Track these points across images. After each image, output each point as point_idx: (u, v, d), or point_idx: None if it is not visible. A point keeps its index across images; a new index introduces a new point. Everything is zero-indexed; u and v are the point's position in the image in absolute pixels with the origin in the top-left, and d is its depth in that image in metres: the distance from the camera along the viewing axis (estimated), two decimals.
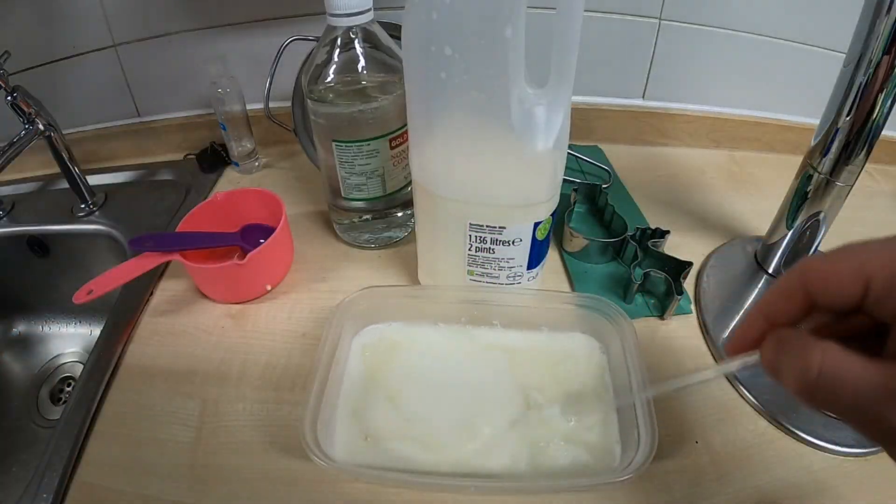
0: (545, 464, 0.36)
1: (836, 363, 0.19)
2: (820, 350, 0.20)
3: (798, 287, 0.22)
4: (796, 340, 0.21)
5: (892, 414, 0.18)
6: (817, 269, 0.21)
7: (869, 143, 0.42)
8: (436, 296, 0.46)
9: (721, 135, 0.72)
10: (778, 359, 0.21)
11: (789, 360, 0.21)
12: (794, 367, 0.20)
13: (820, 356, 0.19)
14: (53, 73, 0.66)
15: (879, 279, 0.19)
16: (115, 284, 0.46)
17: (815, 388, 0.20)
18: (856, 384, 0.19)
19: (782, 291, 0.23)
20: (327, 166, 0.51)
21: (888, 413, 0.18)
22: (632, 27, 0.64)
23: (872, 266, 0.20)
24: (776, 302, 0.23)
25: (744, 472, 0.37)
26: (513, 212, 0.40)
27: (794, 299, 0.22)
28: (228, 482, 0.37)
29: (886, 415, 0.18)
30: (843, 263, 0.20)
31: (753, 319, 0.24)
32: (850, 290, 0.20)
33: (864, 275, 0.20)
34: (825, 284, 0.21)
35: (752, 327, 0.24)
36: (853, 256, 0.20)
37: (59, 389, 0.65)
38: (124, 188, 0.69)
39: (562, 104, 0.35)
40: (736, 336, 0.25)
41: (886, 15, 0.36)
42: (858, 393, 0.19)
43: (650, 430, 0.34)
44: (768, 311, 0.23)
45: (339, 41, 0.44)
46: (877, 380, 0.18)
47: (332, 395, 0.39)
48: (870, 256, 0.20)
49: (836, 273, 0.21)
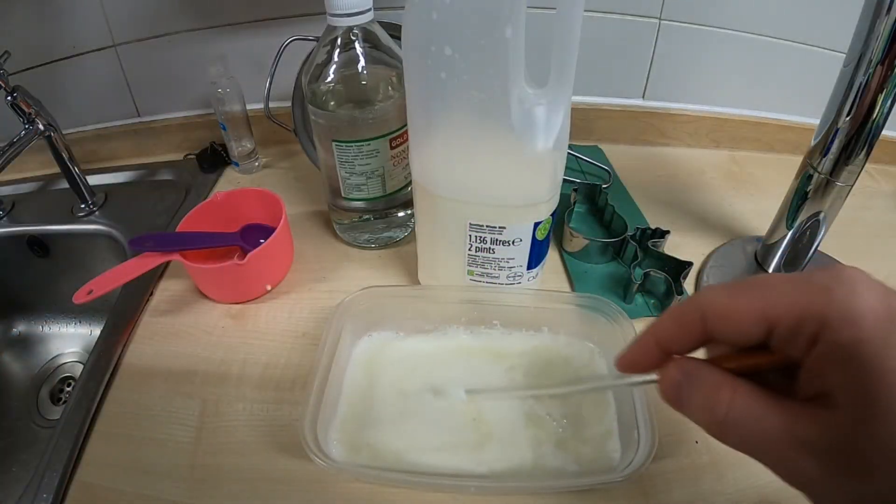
0: (545, 464, 0.36)
1: (744, 404, 0.19)
2: (730, 389, 0.19)
3: (695, 321, 0.21)
4: (706, 376, 0.20)
5: (797, 459, 0.18)
6: (718, 305, 0.20)
7: (869, 143, 0.42)
8: (436, 296, 0.46)
9: (721, 135, 0.72)
10: (682, 391, 0.21)
11: (697, 395, 0.20)
12: (701, 404, 0.20)
13: (729, 395, 0.19)
14: (53, 73, 0.66)
15: (783, 322, 0.18)
16: (115, 284, 0.46)
17: (724, 427, 0.19)
18: (764, 429, 0.18)
19: (678, 321, 0.22)
20: (327, 166, 0.51)
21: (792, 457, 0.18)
22: (632, 27, 0.64)
23: (777, 310, 0.19)
24: (670, 330, 0.22)
25: (744, 472, 0.37)
26: (513, 212, 0.40)
27: (690, 331, 0.21)
28: (228, 482, 0.37)
29: (793, 460, 0.18)
30: (746, 304, 0.19)
31: (645, 344, 0.23)
32: (751, 332, 0.19)
33: (767, 317, 0.19)
34: (725, 323, 0.20)
35: (644, 351, 0.23)
36: (754, 297, 0.19)
37: (59, 389, 0.65)
38: (124, 188, 0.69)
39: (562, 104, 0.35)
40: (626, 356, 0.24)
41: (886, 15, 0.36)
42: (766, 437, 0.18)
43: (650, 431, 0.34)
44: (661, 339, 0.22)
45: (340, 41, 0.44)
46: (783, 427, 0.18)
47: (331, 395, 0.39)
48: (773, 298, 0.19)
49: (737, 313, 0.20)
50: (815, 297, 0.18)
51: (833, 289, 0.18)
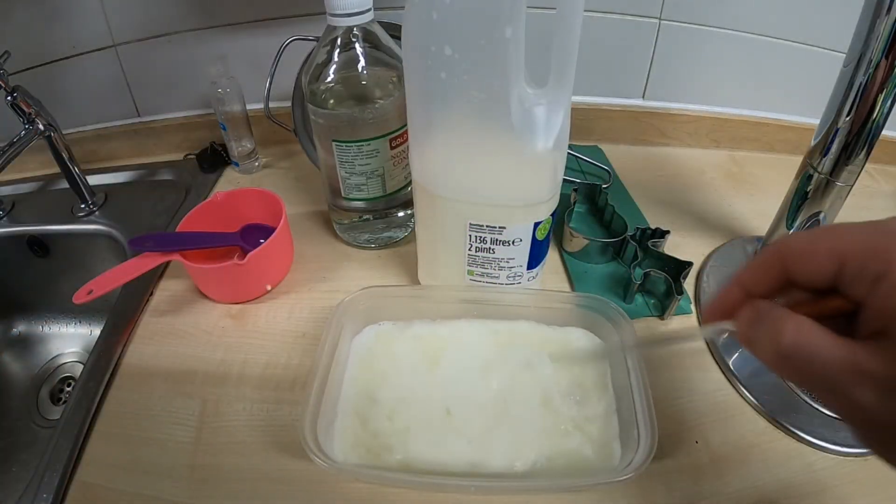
0: (545, 463, 0.36)
1: (807, 337, 0.20)
2: (794, 323, 0.20)
3: (776, 262, 0.23)
4: (772, 312, 0.22)
5: (856, 391, 0.19)
6: (795, 246, 0.22)
7: (869, 143, 0.42)
8: (435, 295, 0.46)
9: (721, 135, 0.72)
10: (753, 329, 0.22)
11: (764, 330, 0.21)
12: (767, 337, 0.21)
13: (793, 328, 0.20)
14: (53, 73, 0.66)
15: (852, 260, 0.20)
16: (115, 284, 0.46)
17: (786, 359, 0.20)
18: (825, 359, 0.19)
19: (761, 265, 0.23)
20: (327, 166, 0.51)
21: (853, 389, 0.19)
22: (632, 27, 0.64)
23: (847, 247, 0.20)
24: (754, 275, 0.24)
25: (744, 472, 0.37)
26: (513, 212, 0.40)
27: (771, 274, 0.23)
28: (228, 482, 0.37)
29: (851, 391, 0.19)
30: (820, 243, 0.21)
31: (731, 289, 0.25)
32: (824, 269, 0.21)
33: (838, 255, 0.20)
34: (802, 262, 0.22)
35: (730, 296, 0.24)
36: (829, 237, 0.21)
37: (59, 389, 0.65)
38: (124, 188, 0.69)
39: (562, 104, 0.35)
40: (713, 304, 0.25)
41: (886, 15, 0.36)
42: (827, 367, 0.19)
43: (650, 430, 0.34)
44: (746, 283, 0.24)
45: (340, 41, 0.44)
46: (844, 356, 0.19)
47: (331, 395, 0.39)
48: (845, 238, 0.21)
49: (812, 252, 0.21)
50: (882, 238, 0.20)
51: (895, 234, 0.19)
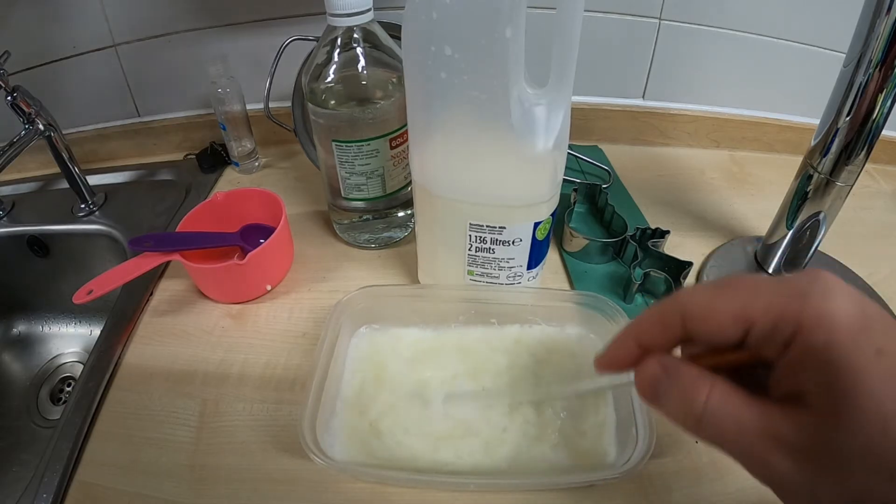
0: (544, 462, 0.36)
1: (721, 401, 0.19)
2: (707, 385, 0.19)
3: (674, 321, 0.21)
4: (684, 371, 0.20)
5: (772, 457, 0.18)
6: (696, 309, 0.20)
7: (869, 143, 0.42)
8: (435, 295, 0.46)
9: (721, 135, 0.72)
10: (660, 387, 0.21)
11: (674, 391, 0.20)
12: (679, 399, 0.20)
13: (706, 392, 0.19)
14: (53, 73, 0.66)
15: (760, 323, 0.19)
16: (115, 284, 0.46)
17: (700, 424, 0.19)
18: (740, 424, 0.19)
19: (658, 320, 0.22)
20: (327, 166, 0.51)
21: (768, 456, 0.18)
22: (632, 27, 0.64)
23: (753, 310, 0.19)
24: (650, 329, 0.22)
25: (744, 472, 0.37)
26: (513, 212, 0.40)
27: (670, 330, 0.21)
28: (228, 482, 0.37)
29: (766, 457, 0.18)
30: (725, 305, 0.20)
31: (624, 342, 0.23)
32: (728, 332, 0.20)
33: (745, 319, 0.19)
34: (704, 324, 0.20)
35: (623, 349, 0.23)
36: (735, 298, 0.20)
37: (59, 389, 0.65)
38: (124, 188, 0.68)
39: (562, 104, 0.35)
40: (605, 355, 0.24)
41: (886, 15, 0.36)
42: (742, 433, 0.19)
43: (647, 428, 0.34)
44: (641, 337, 0.23)
45: (339, 41, 0.44)
46: (759, 422, 0.18)
47: (330, 395, 0.39)
48: (751, 299, 0.19)
49: (715, 315, 0.20)
50: (792, 300, 0.18)
51: (809, 293, 0.18)
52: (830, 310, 0.18)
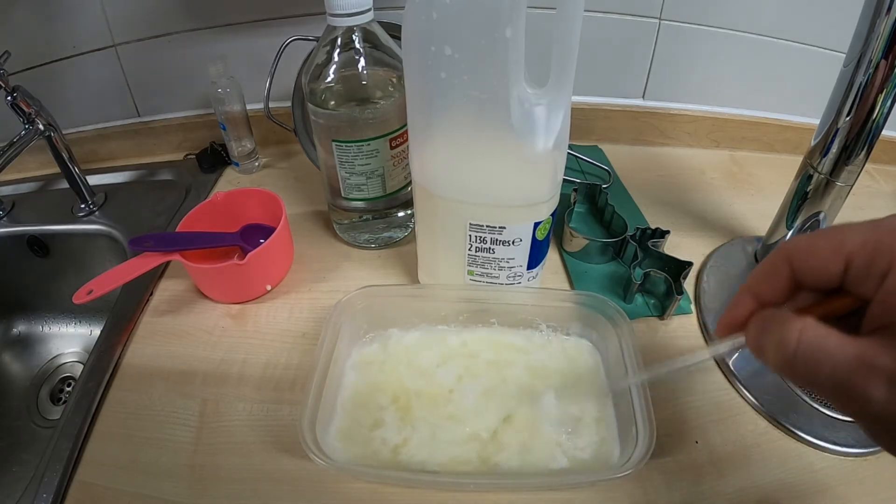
0: (544, 462, 0.36)
1: (813, 338, 0.20)
2: (798, 325, 0.20)
3: (783, 266, 0.23)
4: (776, 317, 0.22)
5: (868, 387, 0.18)
6: (800, 248, 0.22)
7: (869, 143, 0.42)
8: (433, 294, 0.46)
9: (721, 135, 0.72)
10: (761, 337, 0.22)
11: (770, 337, 0.21)
12: (773, 344, 0.21)
13: (798, 331, 0.20)
14: (53, 73, 0.66)
15: (858, 257, 0.20)
16: (115, 284, 0.46)
17: (794, 363, 0.20)
18: (832, 357, 0.19)
19: (768, 271, 0.23)
20: (327, 166, 0.51)
21: (864, 386, 0.18)
22: (632, 27, 0.64)
23: (852, 245, 0.20)
24: (762, 281, 0.24)
25: (744, 472, 0.37)
26: (513, 212, 0.40)
27: (779, 278, 0.23)
28: (228, 482, 0.37)
29: (862, 388, 0.19)
30: (825, 242, 0.21)
31: (741, 299, 0.25)
32: (831, 268, 0.21)
33: (844, 253, 0.21)
34: (808, 262, 0.22)
35: (740, 307, 0.24)
36: (834, 236, 0.21)
37: (59, 389, 0.65)
38: (124, 188, 0.68)
39: (562, 104, 0.35)
40: (724, 317, 0.25)
41: (886, 15, 0.36)
42: (835, 366, 0.19)
43: (648, 427, 0.34)
44: (755, 291, 0.24)
45: (339, 41, 0.44)
46: (852, 353, 0.19)
47: (330, 395, 0.39)
48: (850, 236, 0.21)
49: (818, 251, 0.21)
50: (885, 235, 0.20)
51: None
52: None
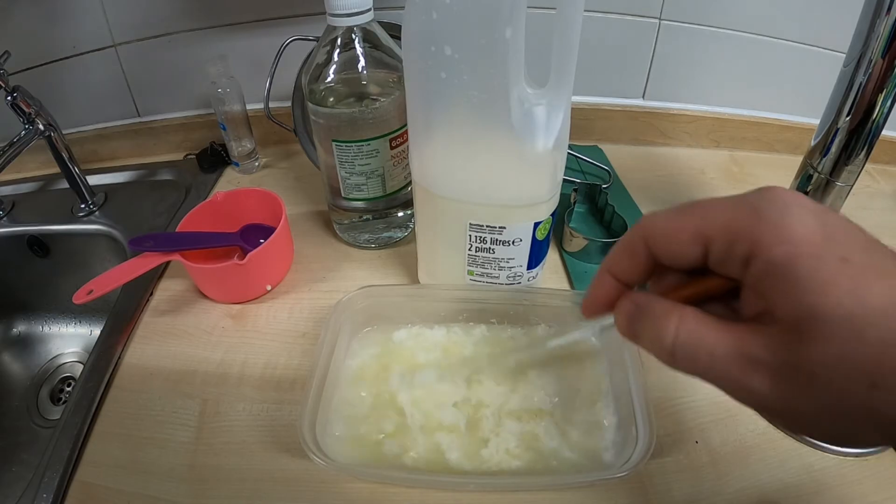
0: (543, 461, 0.36)
1: (691, 330, 0.19)
2: (676, 317, 0.19)
3: (640, 245, 0.21)
4: (653, 306, 0.21)
5: (751, 380, 0.18)
6: (658, 227, 0.21)
7: (869, 143, 0.42)
8: (435, 295, 0.45)
9: (721, 135, 0.72)
10: (634, 325, 0.21)
11: (647, 325, 0.20)
12: (651, 334, 0.20)
13: (675, 323, 0.19)
14: (53, 73, 0.66)
15: (717, 242, 0.19)
16: (115, 284, 0.46)
17: (673, 357, 0.19)
18: (712, 351, 0.18)
19: (626, 249, 0.22)
20: (327, 166, 0.51)
21: (745, 379, 0.18)
22: (632, 27, 0.64)
23: (711, 228, 0.19)
24: (621, 260, 0.23)
25: (744, 472, 0.37)
26: (513, 212, 0.40)
27: (637, 257, 0.22)
28: (228, 482, 0.37)
29: (744, 380, 0.18)
30: (682, 223, 0.20)
31: (601, 279, 0.23)
32: (689, 252, 0.20)
33: (702, 237, 0.19)
34: (665, 244, 0.21)
35: (603, 287, 0.23)
36: (692, 216, 0.20)
37: (59, 389, 0.65)
38: (124, 188, 0.68)
39: (562, 104, 0.35)
40: (588, 297, 0.24)
41: (886, 15, 0.36)
42: (715, 359, 0.18)
43: (648, 427, 0.34)
44: (615, 270, 0.23)
45: (339, 41, 0.44)
46: (731, 345, 0.18)
47: (330, 395, 0.39)
48: (707, 218, 0.19)
49: (675, 233, 0.20)
50: (746, 216, 0.18)
51: (763, 208, 0.18)
52: (788, 223, 0.17)
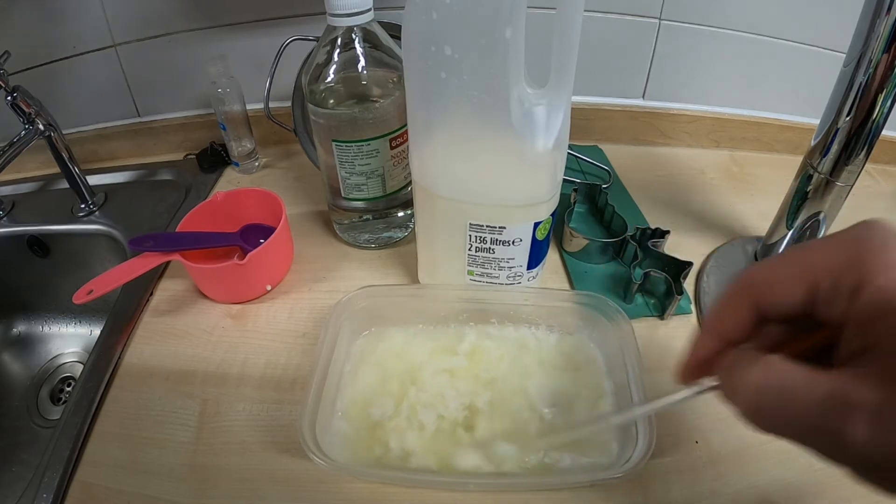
0: (544, 461, 0.36)
1: (778, 376, 0.18)
2: (762, 363, 0.18)
3: (744, 299, 0.21)
4: (742, 355, 0.20)
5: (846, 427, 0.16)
6: (762, 277, 0.20)
7: (869, 143, 0.42)
8: (433, 294, 0.46)
9: (721, 135, 0.72)
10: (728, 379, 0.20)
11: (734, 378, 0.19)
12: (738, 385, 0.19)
13: (761, 371, 0.18)
14: (53, 73, 0.66)
15: (824, 279, 0.18)
16: (115, 284, 0.46)
17: (759, 408, 0.18)
18: (802, 397, 0.17)
19: (729, 305, 0.21)
20: (327, 166, 0.51)
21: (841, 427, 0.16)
22: (632, 27, 0.64)
23: (817, 269, 0.19)
24: (724, 317, 0.22)
25: (744, 472, 0.37)
26: (513, 212, 0.40)
27: (739, 314, 0.21)
28: (228, 482, 0.37)
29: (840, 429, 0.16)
30: (787, 269, 0.20)
31: (703, 340, 0.22)
32: (795, 296, 0.19)
33: (809, 278, 0.19)
34: (771, 292, 0.20)
35: (705, 346, 0.22)
36: (796, 261, 0.19)
37: (59, 389, 0.65)
38: (124, 188, 0.68)
39: (562, 104, 0.35)
40: (689, 358, 0.23)
41: (886, 15, 0.36)
42: (808, 407, 0.17)
43: (648, 427, 0.34)
44: (717, 328, 0.22)
45: (339, 41, 0.44)
46: (824, 390, 0.17)
47: (330, 395, 0.39)
48: (812, 258, 0.19)
49: (780, 279, 0.20)
50: (849, 250, 0.18)
51: (865, 239, 0.18)
52: (891, 251, 0.17)
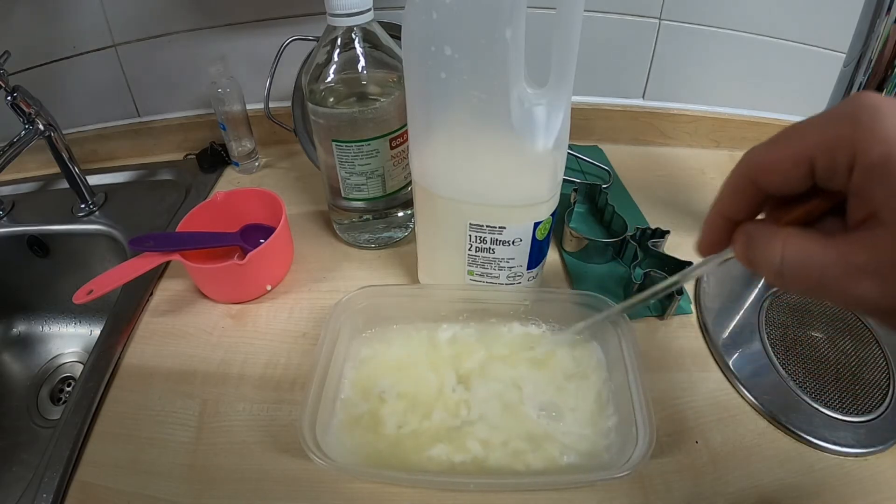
0: (544, 462, 0.36)
1: (796, 248, 0.20)
2: (781, 239, 0.20)
3: (746, 181, 0.22)
4: (759, 232, 0.22)
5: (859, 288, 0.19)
6: (760, 159, 0.22)
7: None
8: (434, 295, 0.46)
9: (721, 135, 0.72)
10: (749, 254, 0.22)
11: (758, 253, 0.22)
12: (762, 260, 0.21)
13: (781, 244, 0.20)
14: (53, 73, 0.66)
15: (820, 159, 0.19)
16: (115, 284, 0.46)
17: (783, 276, 0.20)
18: (817, 265, 0.19)
19: (733, 188, 0.23)
20: (327, 166, 0.51)
21: (855, 288, 0.19)
22: (632, 27, 0.64)
23: (811, 148, 0.20)
24: (729, 200, 0.24)
25: (744, 472, 0.37)
26: (513, 212, 0.40)
27: (745, 193, 0.23)
28: (228, 482, 0.37)
29: (854, 289, 0.19)
30: (783, 150, 0.21)
31: (713, 220, 0.25)
32: (795, 175, 0.20)
33: (805, 158, 0.20)
34: (770, 175, 0.21)
35: (715, 228, 0.25)
36: (791, 141, 0.20)
37: (59, 389, 0.65)
38: (124, 188, 0.69)
39: (562, 104, 0.35)
40: (703, 240, 0.26)
41: (886, 15, 0.36)
42: (823, 273, 0.19)
43: (648, 427, 0.34)
44: (724, 210, 0.24)
45: (339, 41, 0.44)
46: (835, 257, 0.19)
47: (330, 395, 0.39)
48: (806, 138, 0.20)
49: (777, 161, 0.21)
50: (841, 126, 0.19)
51: (856, 114, 0.19)
52: (882, 124, 0.18)
